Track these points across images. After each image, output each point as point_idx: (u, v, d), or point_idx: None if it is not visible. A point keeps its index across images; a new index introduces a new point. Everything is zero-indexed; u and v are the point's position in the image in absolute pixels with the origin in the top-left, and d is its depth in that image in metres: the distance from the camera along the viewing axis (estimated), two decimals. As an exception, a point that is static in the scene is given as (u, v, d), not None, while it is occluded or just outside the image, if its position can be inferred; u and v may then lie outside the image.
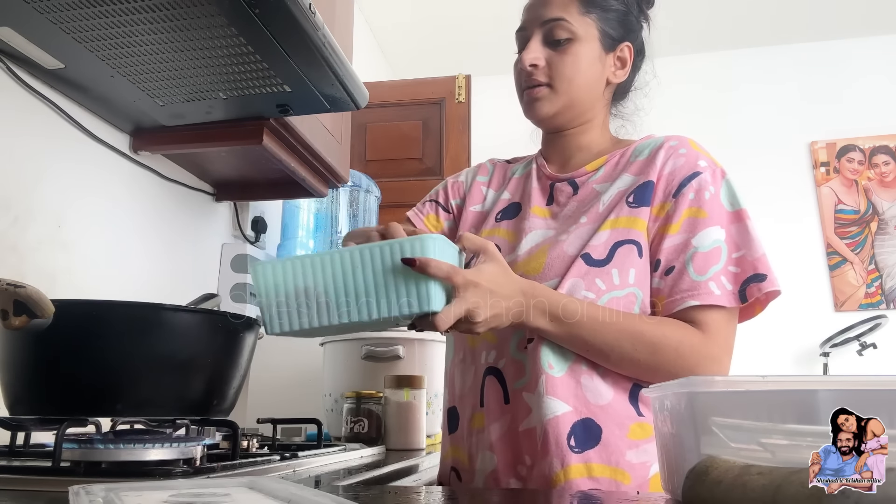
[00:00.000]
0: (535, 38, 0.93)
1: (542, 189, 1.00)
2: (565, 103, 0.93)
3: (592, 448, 0.82)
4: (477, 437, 0.90)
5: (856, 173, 3.47)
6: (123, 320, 0.72)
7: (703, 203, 0.86)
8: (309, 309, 0.74)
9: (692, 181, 0.87)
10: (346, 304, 0.74)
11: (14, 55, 1.07)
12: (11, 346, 0.72)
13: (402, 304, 0.72)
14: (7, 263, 1.06)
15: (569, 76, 0.92)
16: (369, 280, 0.73)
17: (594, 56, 0.93)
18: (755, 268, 0.83)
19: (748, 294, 0.82)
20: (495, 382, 0.89)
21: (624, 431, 0.83)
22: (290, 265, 0.75)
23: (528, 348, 0.86)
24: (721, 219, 0.86)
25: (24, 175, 1.12)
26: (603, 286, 0.84)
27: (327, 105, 1.25)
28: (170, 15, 0.95)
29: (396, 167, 2.55)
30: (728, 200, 0.88)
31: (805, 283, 3.34)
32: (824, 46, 3.58)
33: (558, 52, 0.92)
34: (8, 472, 0.63)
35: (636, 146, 0.96)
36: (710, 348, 0.81)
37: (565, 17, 0.91)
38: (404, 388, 1.30)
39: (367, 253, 0.73)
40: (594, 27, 0.93)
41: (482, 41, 3.48)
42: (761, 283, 0.82)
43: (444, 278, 0.72)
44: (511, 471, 0.86)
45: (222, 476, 0.66)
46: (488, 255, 0.77)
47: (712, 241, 0.84)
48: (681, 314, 0.83)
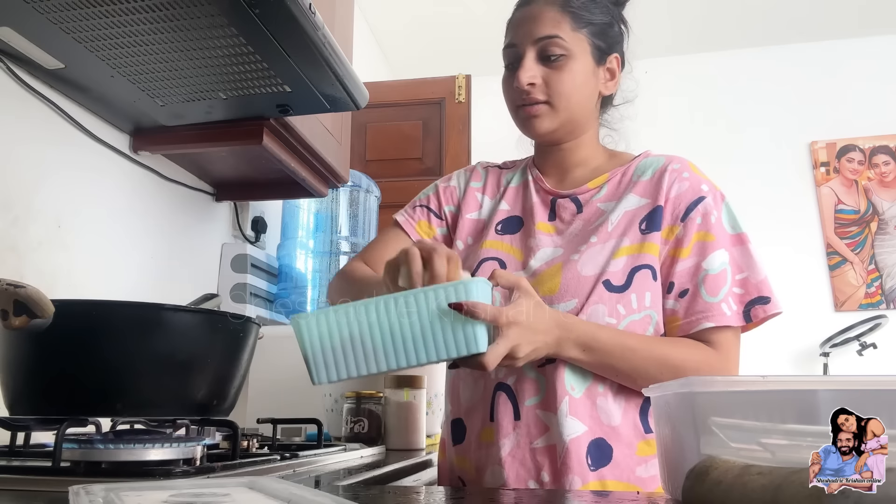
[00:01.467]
0: (528, 56, 0.92)
1: (544, 203, 1.00)
2: (563, 120, 0.94)
3: (605, 466, 0.85)
4: (486, 451, 0.90)
5: (856, 173, 3.47)
6: (123, 320, 0.72)
7: (710, 227, 0.89)
8: (356, 357, 0.74)
9: (698, 206, 0.90)
10: (393, 351, 0.74)
11: (14, 55, 1.07)
12: (11, 346, 0.72)
13: (449, 347, 0.73)
14: (7, 263, 1.06)
15: (566, 93, 0.92)
16: (415, 326, 0.73)
17: (588, 71, 0.94)
18: (759, 290, 0.87)
19: (753, 315, 0.87)
20: (506, 399, 0.90)
21: (633, 450, 0.86)
22: (332, 315, 0.74)
23: (546, 368, 0.88)
24: (724, 241, 0.90)
25: (24, 175, 1.12)
26: (623, 311, 0.87)
27: (327, 105, 1.25)
28: (170, 15, 0.96)
29: (396, 167, 2.55)
30: (729, 224, 0.92)
31: (805, 283, 3.34)
32: (824, 46, 3.58)
33: (553, 68, 0.92)
34: (8, 472, 0.63)
35: (637, 165, 0.98)
36: (724, 367, 0.86)
37: (559, 34, 0.91)
38: (404, 388, 1.29)
39: (411, 299, 0.74)
40: (586, 41, 0.93)
41: (482, 41, 3.47)
42: (766, 305, 0.87)
43: (492, 321, 0.73)
44: (522, 486, 0.87)
45: (222, 476, 0.66)
46: (522, 290, 0.79)
47: (720, 263, 0.88)
48: (697, 335, 0.87)
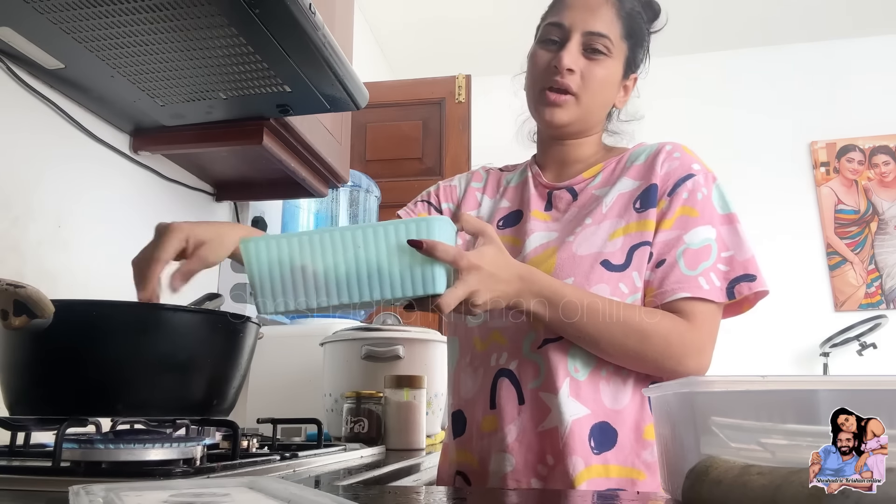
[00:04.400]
0: (574, 43, 0.92)
1: (540, 195, 1.01)
2: (581, 115, 0.95)
3: (609, 450, 0.84)
4: (489, 440, 0.90)
5: (856, 173, 3.47)
6: (123, 320, 0.72)
7: (696, 203, 0.89)
8: (306, 288, 0.70)
9: (686, 182, 0.90)
10: (346, 285, 0.70)
11: (14, 55, 1.07)
12: (11, 346, 0.72)
13: (405, 286, 0.70)
14: (7, 263, 1.06)
15: (595, 90, 0.93)
16: (371, 261, 0.70)
17: (617, 78, 0.97)
18: (745, 268, 0.86)
19: (737, 292, 0.85)
20: (509, 384, 0.90)
21: (639, 434, 0.86)
22: (285, 243, 0.71)
23: (543, 349, 0.87)
24: (712, 219, 0.89)
25: (24, 175, 1.12)
26: (626, 289, 0.87)
27: (327, 105, 1.25)
28: (170, 15, 0.96)
29: (396, 167, 2.55)
30: (719, 203, 0.91)
31: (805, 283, 3.34)
32: (824, 46, 3.58)
33: (593, 62, 0.92)
34: (8, 472, 0.63)
35: (631, 152, 0.99)
36: (696, 339, 0.84)
37: (610, 34, 0.92)
38: (404, 388, 1.29)
39: (369, 232, 0.70)
40: (625, 52, 0.96)
41: (482, 41, 3.48)
42: (751, 282, 0.85)
43: (451, 262, 0.71)
44: (531, 471, 0.87)
45: (222, 476, 0.66)
46: (487, 237, 0.78)
47: (702, 239, 0.87)
48: (670, 305, 0.85)
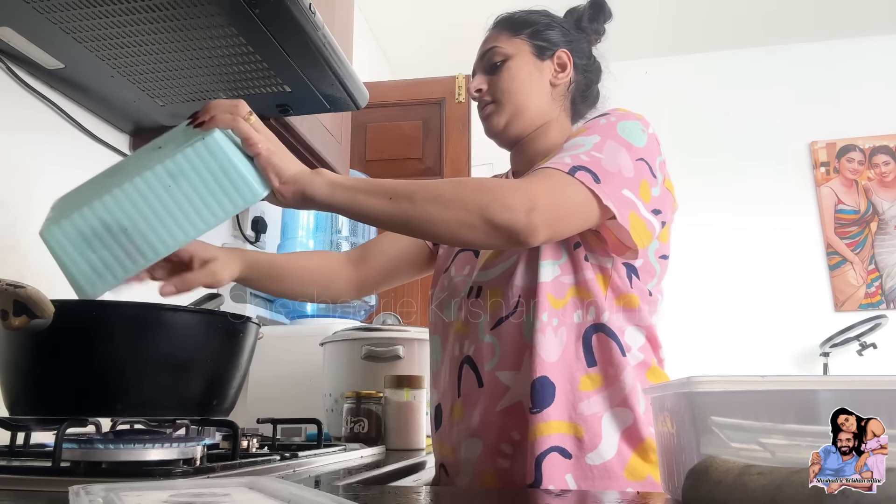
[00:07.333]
0: (477, 71, 1.03)
1: None
2: (512, 112, 0.99)
3: (550, 406, 0.84)
4: (458, 428, 0.92)
5: (856, 173, 3.47)
6: (123, 320, 0.72)
7: (591, 123, 0.89)
8: (128, 254, 0.66)
9: (597, 117, 0.91)
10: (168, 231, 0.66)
11: (14, 55, 1.07)
12: (11, 346, 0.72)
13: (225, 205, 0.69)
14: (7, 263, 1.06)
15: (506, 88, 0.99)
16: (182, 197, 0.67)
17: (529, 66, 1.00)
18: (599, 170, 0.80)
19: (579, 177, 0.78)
20: (469, 370, 0.93)
21: (574, 385, 0.86)
22: (80, 220, 0.66)
23: (500, 328, 0.90)
24: (604, 133, 0.85)
25: (24, 175, 1.12)
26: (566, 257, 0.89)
27: (327, 105, 1.25)
28: (170, 15, 0.96)
29: (396, 167, 2.55)
30: (621, 129, 0.86)
31: (805, 283, 3.34)
32: (824, 46, 3.58)
33: (496, 74, 1.00)
34: (8, 472, 0.63)
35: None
36: (521, 184, 0.79)
37: (496, 44, 1.00)
38: (404, 388, 1.29)
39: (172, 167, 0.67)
40: (525, 44, 1.01)
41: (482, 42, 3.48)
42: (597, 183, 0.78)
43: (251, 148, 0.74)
44: (496, 451, 0.88)
45: (222, 476, 0.66)
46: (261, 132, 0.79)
47: (582, 140, 0.85)
48: None
